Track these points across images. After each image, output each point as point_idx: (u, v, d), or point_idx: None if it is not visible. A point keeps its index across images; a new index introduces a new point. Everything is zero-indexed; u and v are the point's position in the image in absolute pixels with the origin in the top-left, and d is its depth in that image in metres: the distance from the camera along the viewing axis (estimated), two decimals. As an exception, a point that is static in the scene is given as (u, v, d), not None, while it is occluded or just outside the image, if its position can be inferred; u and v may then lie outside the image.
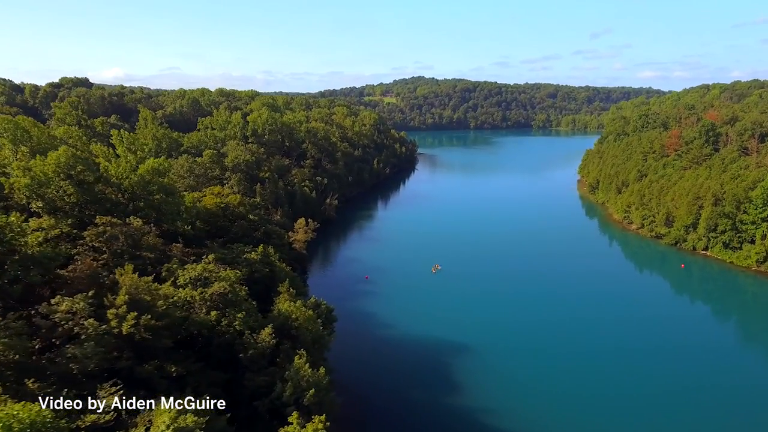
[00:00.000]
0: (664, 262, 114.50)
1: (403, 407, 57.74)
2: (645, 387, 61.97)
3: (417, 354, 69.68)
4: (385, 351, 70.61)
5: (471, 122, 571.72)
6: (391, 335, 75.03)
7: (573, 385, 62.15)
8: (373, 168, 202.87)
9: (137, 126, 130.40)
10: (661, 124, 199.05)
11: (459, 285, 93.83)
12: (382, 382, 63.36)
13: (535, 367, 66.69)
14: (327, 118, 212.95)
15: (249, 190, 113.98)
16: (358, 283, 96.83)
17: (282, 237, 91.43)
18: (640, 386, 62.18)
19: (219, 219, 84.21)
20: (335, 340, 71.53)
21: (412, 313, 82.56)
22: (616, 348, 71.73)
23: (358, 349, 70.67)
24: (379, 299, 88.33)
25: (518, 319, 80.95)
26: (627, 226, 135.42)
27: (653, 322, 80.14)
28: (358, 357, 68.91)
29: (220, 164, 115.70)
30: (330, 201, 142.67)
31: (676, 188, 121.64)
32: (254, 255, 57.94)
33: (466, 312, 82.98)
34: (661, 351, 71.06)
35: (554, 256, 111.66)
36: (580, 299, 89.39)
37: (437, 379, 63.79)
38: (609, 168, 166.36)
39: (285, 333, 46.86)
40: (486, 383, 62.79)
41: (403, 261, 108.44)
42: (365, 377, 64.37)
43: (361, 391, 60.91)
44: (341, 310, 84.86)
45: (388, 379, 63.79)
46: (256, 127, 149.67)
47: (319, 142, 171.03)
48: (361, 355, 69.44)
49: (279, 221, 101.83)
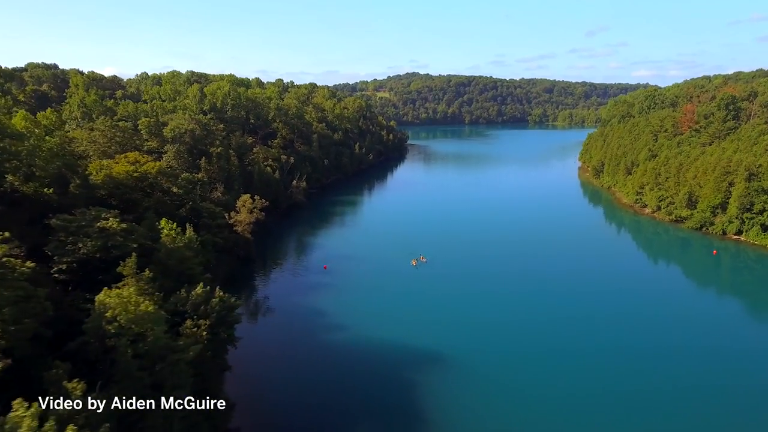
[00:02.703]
0: (686, 249, 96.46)
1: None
2: (676, 398, 44.15)
3: (373, 367, 51.21)
4: (330, 361, 52.07)
5: (466, 117, 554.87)
6: (342, 341, 56.45)
7: (593, 402, 43.95)
8: (354, 153, 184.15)
9: (67, 92, 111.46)
10: (670, 104, 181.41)
11: (443, 281, 75.19)
12: (314, 402, 44.83)
13: (539, 384, 48.36)
14: (304, 98, 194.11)
15: (192, 165, 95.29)
16: (316, 273, 78.27)
17: (216, 216, 72.78)
18: (672, 398, 44.27)
19: (130, 191, 65.64)
20: (258, 347, 53.46)
21: (376, 312, 64.09)
22: (637, 355, 53.54)
23: (291, 359, 52.17)
24: (336, 294, 69.74)
25: (513, 323, 62.60)
26: (640, 209, 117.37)
27: (679, 322, 62.17)
28: (287, 370, 50.36)
29: (159, 136, 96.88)
30: (297, 183, 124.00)
31: (698, 164, 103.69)
32: (112, 223, 38.98)
33: (449, 313, 64.56)
34: (690, 355, 53.28)
35: (557, 248, 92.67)
36: (590, 296, 71.20)
37: (396, 398, 45.34)
38: (615, 149, 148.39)
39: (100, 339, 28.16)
40: (472, 406, 44.38)
41: (379, 252, 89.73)
42: (291, 396, 45.79)
43: (283, 417, 42.39)
44: (285, 306, 66.81)
45: (325, 402, 45.24)
46: (215, 100, 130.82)
47: (291, 122, 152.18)
48: (290, 368, 50.86)
49: (218, 199, 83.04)
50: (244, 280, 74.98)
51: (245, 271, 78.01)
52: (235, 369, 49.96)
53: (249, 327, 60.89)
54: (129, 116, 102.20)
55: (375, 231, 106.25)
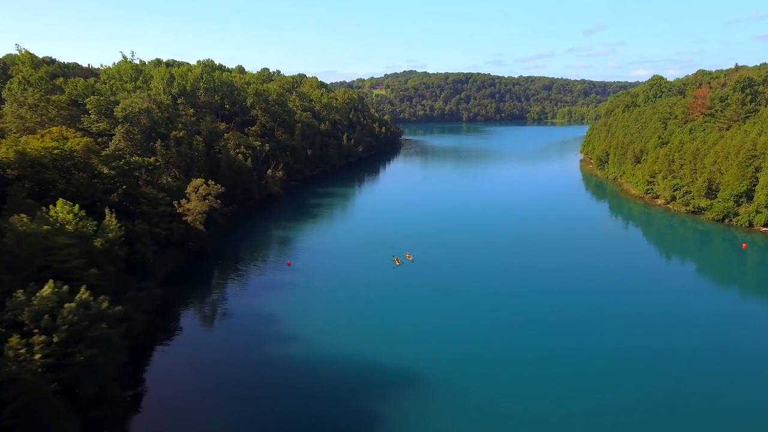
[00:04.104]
0: (706, 243, 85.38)
1: None
2: (703, 405, 33.09)
3: (326, 389, 39.92)
4: (275, 380, 40.80)
5: (463, 114, 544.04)
6: (293, 355, 45.11)
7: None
8: (342, 144, 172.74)
9: (11, 70, 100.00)
10: (678, 92, 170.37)
11: (431, 282, 63.62)
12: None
13: (549, 397, 37.19)
14: (289, 86, 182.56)
15: (146, 149, 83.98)
16: (281, 272, 66.95)
17: (159, 203, 61.43)
18: (699, 405, 33.25)
19: (46, 170, 54.75)
20: (187, 362, 42.44)
21: (339, 318, 52.89)
22: (660, 360, 42.40)
23: (222, 381, 40.86)
24: (298, 296, 58.46)
25: (511, 330, 51.45)
26: (651, 200, 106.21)
27: (702, 323, 51.16)
28: (212, 396, 39.08)
29: (111, 117, 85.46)
30: (273, 173, 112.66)
31: (717, 149, 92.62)
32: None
33: (434, 320, 53.45)
34: (720, 359, 42.13)
35: (560, 245, 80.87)
36: (599, 297, 60.15)
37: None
38: (621, 137, 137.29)
39: None
40: None
41: (357, 249, 78.00)
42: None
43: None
44: (236, 311, 55.45)
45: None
46: (184, 83, 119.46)
47: (272, 109, 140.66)
48: (218, 394, 39.58)
49: (168, 185, 71.52)
50: (194, 279, 63.61)
51: (198, 268, 66.60)
52: (152, 392, 38.89)
53: (185, 335, 49.68)
54: (79, 95, 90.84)
55: (358, 227, 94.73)
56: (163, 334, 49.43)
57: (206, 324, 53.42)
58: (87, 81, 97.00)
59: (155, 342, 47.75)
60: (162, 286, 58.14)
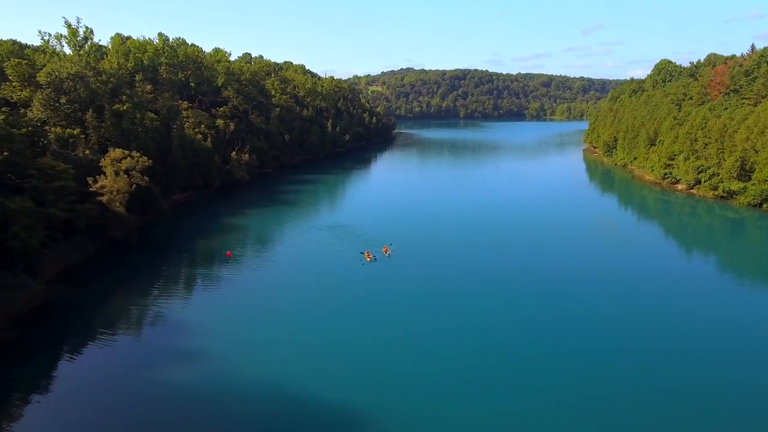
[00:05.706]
0: (739, 232, 72.26)
1: None
2: None
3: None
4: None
5: (461, 111, 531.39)
6: (203, 374, 31.82)
7: None
8: (327, 132, 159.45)
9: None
10: (689, 75, 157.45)
11: (408, 282, 50.52)
12: None
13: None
14: (271, 69, 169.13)
15: (76, 121, 70.57)
16: (218, 264, 53.54)
17: (58, 178, 47.96)
18: None
19: None
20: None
21: (282, 328, 39.61)
22: (692, 368, 29.30)
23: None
24: (234, 294, 45.17)
25: (509, 337, 38.35)
26: (670, 186, 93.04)
27: (741, 325, 38.16)
28: None
29: (35, 84, 72.07)
30: (239, 156, 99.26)
31: (749, 123, 79.60)
32: None
33: (400, 336, 40.22)
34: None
35: (568, 240, 66.98)
36: (615, 297, 47.02)
37: None
38: (632, 120, 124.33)
39: None
40: None
41: (324, 243, 64.22)
42: None
43: None
44: (152, 312, 42.09)
45: None
46: (141, 57, 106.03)
47: (245, 89, 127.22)
48: None
49: (83, 158, 57.83)
50: (108, 274, 50.07)
51: (116, 261, 53.00)
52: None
53: (67, 348, 36.40)
54: (1, 60, 77.35)
55: (332, 218, 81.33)
56: (34, 347, 36.07)
57: (96, 332, 39.60)
58: (12, 44, 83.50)
59: (23, 358, 34.46)
60: (57, 282, 44.83)
